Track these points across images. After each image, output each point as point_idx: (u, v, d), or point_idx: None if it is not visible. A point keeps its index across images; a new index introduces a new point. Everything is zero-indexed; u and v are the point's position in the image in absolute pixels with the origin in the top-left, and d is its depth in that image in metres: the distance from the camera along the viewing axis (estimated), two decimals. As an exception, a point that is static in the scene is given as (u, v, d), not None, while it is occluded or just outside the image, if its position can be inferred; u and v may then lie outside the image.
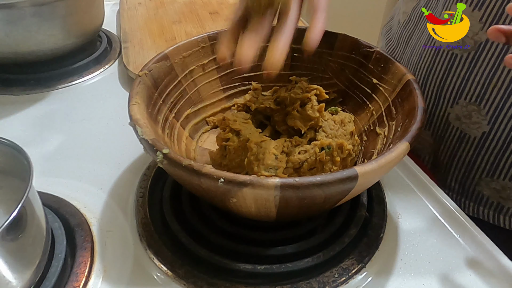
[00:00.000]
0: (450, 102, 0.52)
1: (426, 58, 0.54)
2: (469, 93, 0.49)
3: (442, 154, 0.56)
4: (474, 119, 0.50)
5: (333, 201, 0.35)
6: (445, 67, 0.51)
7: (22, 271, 0.33)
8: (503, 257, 0.40)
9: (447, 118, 0.53)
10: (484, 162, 0.51)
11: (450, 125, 0.53)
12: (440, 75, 0.52)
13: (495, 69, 0.46)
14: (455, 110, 0.51)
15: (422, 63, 0.54)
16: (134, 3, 0.88)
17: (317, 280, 0.37)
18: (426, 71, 0.54)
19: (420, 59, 0.55)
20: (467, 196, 0.55)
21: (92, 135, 0.55)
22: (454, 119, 0.52)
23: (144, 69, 0.44)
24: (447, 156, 0.55)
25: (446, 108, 0.52)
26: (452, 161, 0.55)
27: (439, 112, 0.54)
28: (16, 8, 0.58)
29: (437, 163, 0.58)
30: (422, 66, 0.54)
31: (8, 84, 0.65)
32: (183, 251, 0.39)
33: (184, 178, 0.34)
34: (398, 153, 0.34)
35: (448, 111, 0.52)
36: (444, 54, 0.51)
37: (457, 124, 0.52)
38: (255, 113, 0.49)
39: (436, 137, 0.56)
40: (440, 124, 0.54)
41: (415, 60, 0.56)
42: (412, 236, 0.42)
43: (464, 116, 0.51)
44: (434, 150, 0.57)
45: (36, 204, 0.34)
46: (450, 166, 0.55)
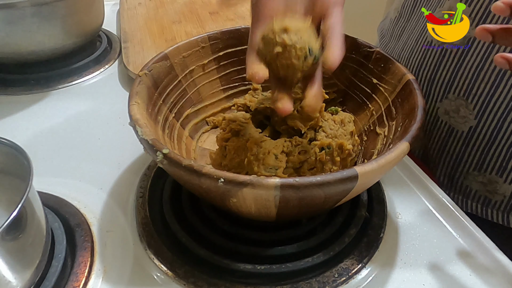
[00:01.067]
0: (440, 97, 0.52)
1: (417, 53, 0.54)
2: (457, 87, 0.50)
3: (431, 148, 0.57)
4: (462, 114, 0.51)
5: (333, 201, 0.35)
6: (435, 61, 0.52)
7: (22, 271, 0.33)
8: (503, 257, 0.40)
9: (436, 112, 0.54)
10: (472, 156, 0.52)
11: (439, 119, 0.54)
12: (430, 70, 0.53)
13: (483, 64, 0.47)
14: (444, 104, 0.52)
15: (413, 58, 0.55)
16: (134, 3, 0.88)
17: (317, 280, 0.37)
18: (417, 66, 0.55)
19: (411, 54, 0.56)
20: (456, 190, 0.56)
21: (92, 135, 0.55)
22: (443, 114, 0.53)
23: (144, 69, 0.44)
24: (436, 150, 0.56)
25: (436, 102, 0.53)
26: (441, 155, 0.56)
27: (428, 107, 0.54)
28: (16, 8, 0.58)
29: (427, 157, 0.59)
30: (413, 61, 0.55)
31: (8, 84, 0.65)
32: (183, 251, 0.39)
33: (184, 178, 0.34)
34: (398, 153, 0.34)
35: (438, 105, 0.53)
36: (435, 49, 0.51)
37: (446, 119, 0.53)
38: (255, 113, 0.49)
39: (426, 131, 0.57)
40: (430, 118, 0.55)
41: (406, 55, 0.57)
42: (412, 236, 0.42)
43: (453, 110, 0.51)
44: (424, 144, 0.58)
45: (36, 204, 0.34)
46: (439, 160, 0.56)
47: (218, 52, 0.52)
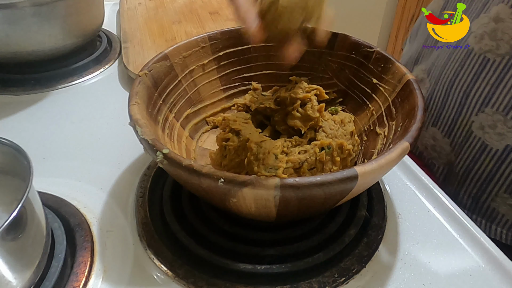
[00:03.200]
0: (476, 110, 0.49)
1: (454, 60, 0.51)
2: (496, 101, 0.47)
3: (458, 165, 0.53)
4: (498, 130, 0.47)
5: (333, 201, 0.35)
6: (474, 71, 0.48)
7: (22, 271, 0.33)
8: (503, 257, 0.40)
9: (470, 126, 0.50)
10: (504, 177, 0.49)
11: (472, 134, 0.50)
12: (468, 80, 0.49)
13: None
14: (480, 118, 0.49)
15: (449, 65, 0.52)
16: (134, 3, 0.88)
17: (317, 280, 0.37)
18: (453, 75, 0.51)
19: (447, 62, 0.52)
20: (480, 213, 0.52)
21: (92, 135, 0.55)
22: (477, 128, 0.49)
23: (144, 69, 0.44)
24: (463, 168, 0.53)
25: (470, 115, 0.50)
26: (468, 174, 0.52)
27: (462, 119, 0.51)
28: (16, 8, 0.58)
29: (451, 174, 0.55)
30: (449, 69, 0.52)
31: (8, 84, 0.65)
32: (183, 251, 0.39)
33: (184, 178, 0.34)
34: (398, 153, 0.34)
35: (472, 119, 0.50)
36: (476, 57, 0.48)
37: (480, 134, 0.49)
38: (255, 113, 0.49)
39: (455, 146, 0.53)
40: (461, 132, 0.51)
41: (442, 62, 0.53)
42: (412, 236, 0.42)
43: (489, 125, 0.48)
44: (450, 160, 0.55)
45: (36, 204, 0.34)
46: (465, 179, 0.53)
47: (218, 52, 0.52)
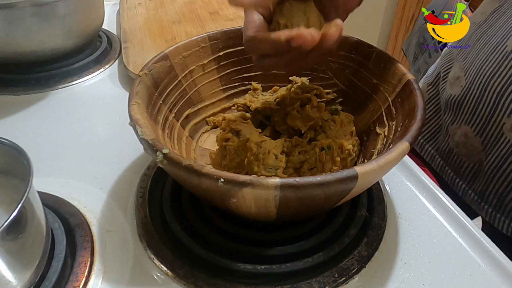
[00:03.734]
0: (508, 111, 0.49)
1: (492, 61, 0.51)
2: None
3: (488, 163, 0.53)
4: None
5: (333, 201, 0.35)
6: (510, 72, 0.48)
7: (22, 271, 0.33)
8: (503, 257, 0.40)
9: (501, 127, 0.50)
10: None
11: (503, 135, 0.50)
12: (503, 81, 0.49)
13: None
14: (511, 120, 0.49)
15: (486, 66, 0.51)
16: (134, 3, 0.88)
17: (317, 280, 0.37)
18: (489, 75, 0.51)
19: (485, 62, 0.52)
20: (504, 213, 0.53)
21: (92, 135, 0.55)
22: (508, 130, 0.49)
23: (144, 69, 0.44)
24: (492, 167, 0.53)
25: (503, 117, 0.50)
26: (496, 173, 0.52)
27: (494, 120, 0.51)
28: (16, 8, 0.58)
29: (479, 172, 0.55)
30: (485, 69, 0.51)
31: (8, 84, 0.65)
32: (183, 251, 0.39)
33: (184, 178, 0.34)
34: (398, 153, 0.34)
35: (504, 120, 0.50)
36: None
37: (510, 136, 0.49)
38: (255, 113, 0.49)
39: (487, 145, 0.53)
40: (493, 132, 0.52)
41: (479, 62, 0.53)
42: (412, 236, 0.42)
43: None
44: (480, 159, 0.55)
45: (36, 204, 0.34)
46: (493, 177, 0.53)
47: (218, 52, 0.52)
